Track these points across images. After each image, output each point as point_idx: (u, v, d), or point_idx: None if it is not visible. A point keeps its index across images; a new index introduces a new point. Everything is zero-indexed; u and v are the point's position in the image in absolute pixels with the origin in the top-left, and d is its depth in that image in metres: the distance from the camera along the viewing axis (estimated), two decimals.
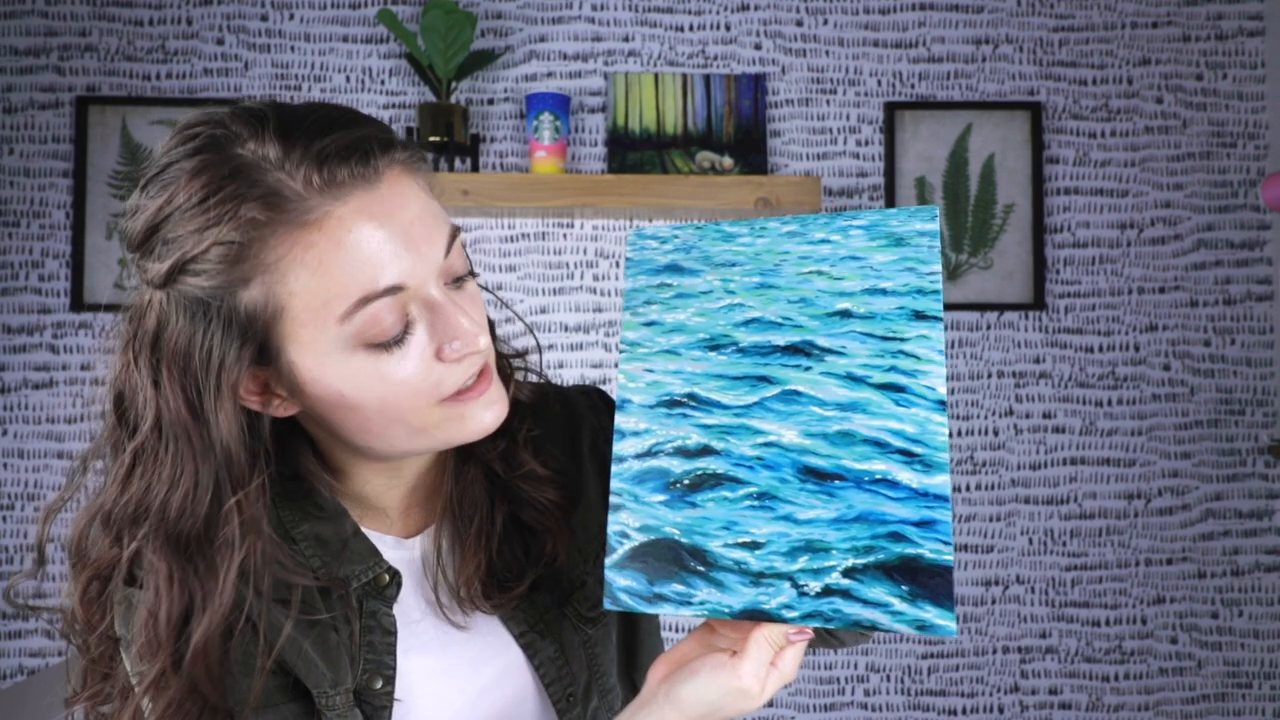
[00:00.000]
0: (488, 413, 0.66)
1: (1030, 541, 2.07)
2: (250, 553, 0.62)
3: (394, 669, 0.70)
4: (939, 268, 0.60)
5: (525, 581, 0.73)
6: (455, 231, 0.65)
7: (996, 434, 2.08)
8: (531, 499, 0.74)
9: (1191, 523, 2.07)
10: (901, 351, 0.58)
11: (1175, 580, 2.07)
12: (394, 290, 0.59)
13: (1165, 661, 2.06)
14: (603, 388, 0.95)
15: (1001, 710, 2.05)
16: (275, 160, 0.58)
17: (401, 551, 0.74)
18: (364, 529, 0.72)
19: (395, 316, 0.60)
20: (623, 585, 0.59)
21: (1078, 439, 2.08)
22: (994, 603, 2.06)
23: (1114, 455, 2.08)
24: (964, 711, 2.05)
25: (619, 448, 0.63)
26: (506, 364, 0.76)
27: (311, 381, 0.61)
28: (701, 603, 0.57)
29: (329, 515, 0.70)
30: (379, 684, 0.69)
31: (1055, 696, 2.05)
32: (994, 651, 2.06)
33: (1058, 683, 2.05)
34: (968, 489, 2.07)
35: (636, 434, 0.62)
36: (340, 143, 0.59)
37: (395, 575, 0.71)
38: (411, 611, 0.73)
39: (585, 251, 2.08)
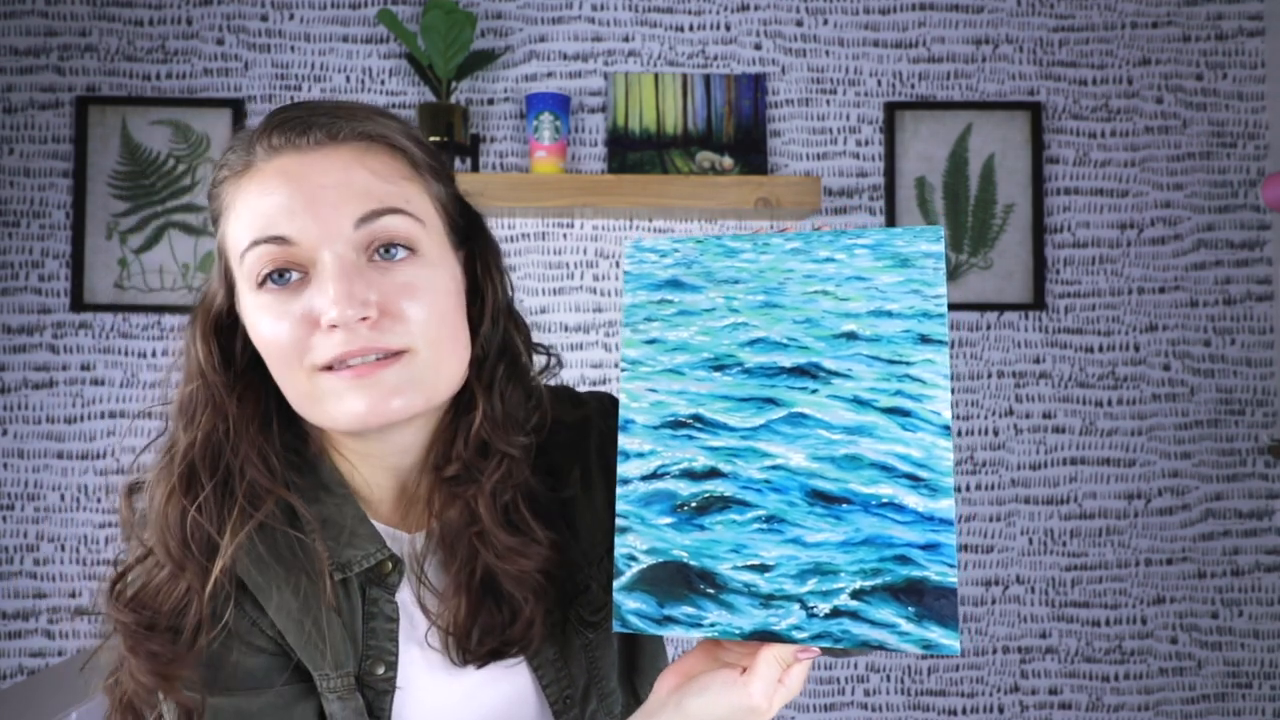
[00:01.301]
0: (356, 401, 0.64)
1: (1030, 541, 2.07)
2: (228, 433, 0.69)
3: (396, 655, 0.71)
4: (944, 291, 0.60)
5: (494, 643, 0.70)
6: (384, 213, 0.65)
7: (996, 434, 2.08)
8: (501, 569, 0.71)
9: (1191, 523, 2.07)
10: (908, 375, 0.58)
11: (1175, 580, 2.07)
12: (279, 240, 0.64)
13: (1165, 661, 2.06)
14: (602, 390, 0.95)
15: (1001, 710, 2.05)
16: (258, 134, 0.68)
17: (401, 545, 0.74)
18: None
19: (283, 267, 0.65)
20: (632, 608, 0.59)
21: (1078, 439, 2.08)
22: (994, 603, 2.06)
23: (1114, 455, 2.08)
24: (964, 711, 2.05)
25: (624, 469, 0.62)
26: (495, 409, 0.72)
27: (245, 322, 0.69)
28: (712, 624, 0.57)
29: (337, 500, 0.72)
30: (381, 669, 0.70)
31: (1055, 696, 2.05)
32: (994, 651, 2.06)
33: (1058, 683, 2.06)
34: (968, 489, 2.07)
35: (641, 455, 0.62)
36: (290, 115, 0.67)
37: (398, 563, 0.72)
38: (409, 604, 0.73)
39: (585, 252, 2.08)
